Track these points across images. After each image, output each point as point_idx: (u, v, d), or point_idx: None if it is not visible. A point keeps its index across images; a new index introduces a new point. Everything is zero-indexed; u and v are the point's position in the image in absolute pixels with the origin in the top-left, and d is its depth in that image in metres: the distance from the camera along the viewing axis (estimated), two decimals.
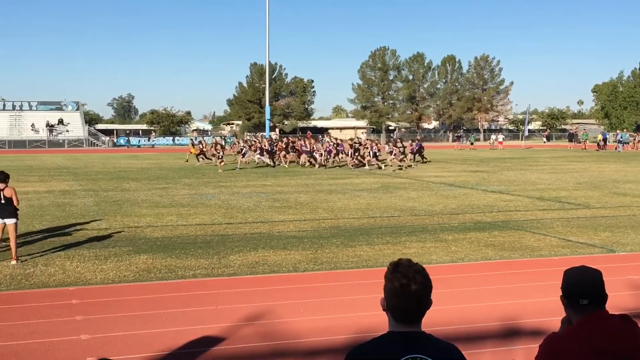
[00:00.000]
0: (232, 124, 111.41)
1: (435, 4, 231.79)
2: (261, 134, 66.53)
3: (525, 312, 9.05)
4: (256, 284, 10.92)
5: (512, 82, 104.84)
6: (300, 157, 41.46)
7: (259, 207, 20.50)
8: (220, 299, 9.88)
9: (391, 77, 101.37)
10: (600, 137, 68.73)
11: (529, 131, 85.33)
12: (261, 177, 32.42)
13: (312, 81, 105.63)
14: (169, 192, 25.13)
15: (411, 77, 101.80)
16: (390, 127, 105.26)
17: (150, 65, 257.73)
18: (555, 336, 3.23)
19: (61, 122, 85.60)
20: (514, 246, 14.01)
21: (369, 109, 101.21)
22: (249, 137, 61.76)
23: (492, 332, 8.30)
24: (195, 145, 44.85)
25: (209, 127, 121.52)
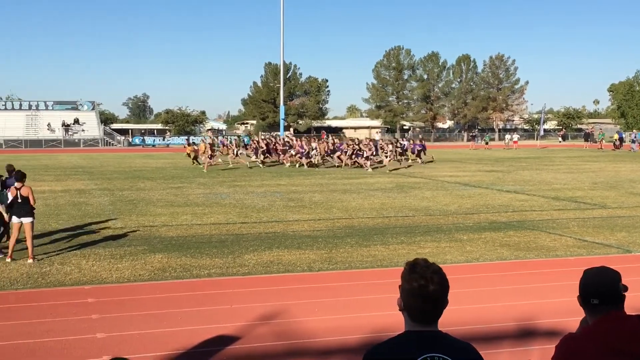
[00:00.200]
0: (247, 124, 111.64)
1: (450, 3, 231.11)
2: (276, 133, 66.56)
3: (541, 312, 9.01)
4: (271, 283, 10.93)
5: (527, 82, 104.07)
6: (295, 156, 40.64)
7: (274, 207, 20.52)
8: (234, 298, 9.90)
9: (406, 77, 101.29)
10: (616, 136, 68.26)
11: (545, 131, 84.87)
12: (275, 177, 32.46)
13: (327, 81, 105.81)
14: (183, 192, 25.21)
15: (426, 76, 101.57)
16: (404, 127, 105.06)
17: (165, 65, 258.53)
18: (571, 336, 3.21)
19: (77, 121, 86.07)
20: (530, 246, 13.94)
21: (384, 109, 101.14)
22: (236, 137, 61.47)
23: (508, 332, 8.26)
24: (190, 145, 43.94)
25: (224, 126, 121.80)
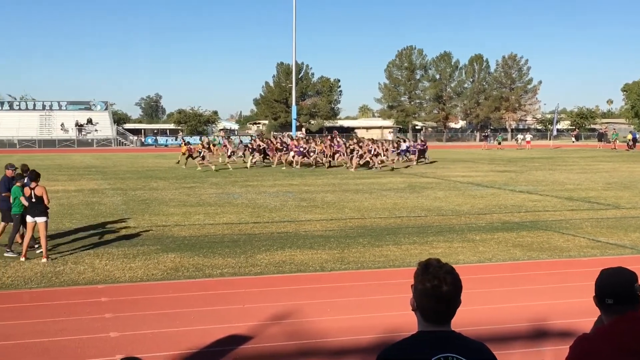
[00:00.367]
0: (259, 124, 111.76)
1: (462, 3, 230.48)
2: (288, 133, 66.58)
3: (554, 313, 8.97)
4: (283, 283, 10.95)
5: (540, 82, 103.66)
6: (292, 157, 40.20)
7: (286, 207, 20.54)
8: (247, 298, 9.92)
9: (418, 77, 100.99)
10: (629, 136, 67.77)
11: (558, 131, 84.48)
12: (288, 177, 32.48)
13: (339, 81, 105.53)
14: (196, 191, 25.28)
15: (438, 76, 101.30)
16: (416, 127, 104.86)
17: (177, 65, 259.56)
18: (586, 337, 3.20)
19: (90, 121, 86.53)
20: (543, 247, 13.88)
21: (396, 109, 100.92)
22: (232, 138, 61.31)
23: (521, 333, 8.23)
24: (186, 145, 43.58)
25: (236, 126, 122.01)
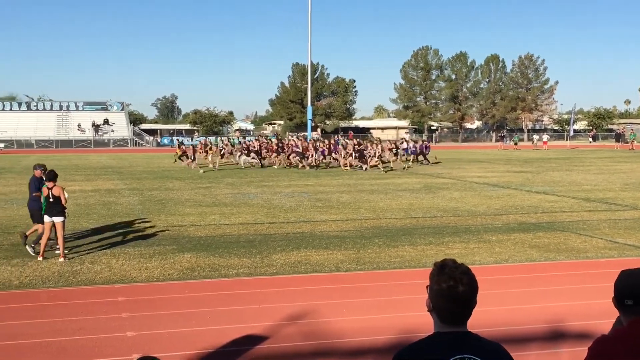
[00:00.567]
0: (274, 124, 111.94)
1: (478, 3, 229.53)
2: (303, 133, 66.65)
3: (571, 314, 8.92)
4: (298, 283, 10.95)
5: (557, 82, 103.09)
6: (289, 157, 40.34)
7: (301, 207, 20.56)
8: (262, 298, 9.93)
9: (433, 77, 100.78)
10: None
11: (575, 131, 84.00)
12: (303, 177, 32.50)
13: (354, 81, 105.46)
14: (212, 192, 25.36)
15: (454, 76, 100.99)
16: (432, 127, 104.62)
17: (193, 66, 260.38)
18: (604, 338, 3.18)
19: (106, 122, 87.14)
20: (559, 248, 13.80)
21: (411, 109, 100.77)
22: (228, 138, 61.25)
23: (538, 334, 8.18)
24: (180, 146, 43.57)
25: (251, 127, 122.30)
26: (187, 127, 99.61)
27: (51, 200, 12.53)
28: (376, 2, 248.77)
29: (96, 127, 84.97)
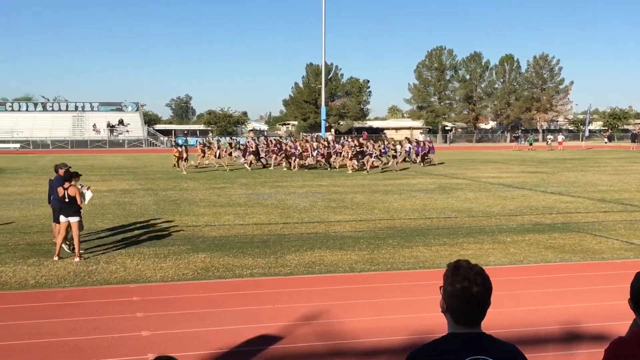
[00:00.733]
0: (288, 124, 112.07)
1: (493, 3, 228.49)
2: (318, 134, 66.66)
3: (587, 315, 8.86)
4: (313, 283, 10.96)
5: (572, 82, 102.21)
6: (289, 159, 39.95)
7: (315, 207, 20.57)
8: (277, 298, 9.95)
9: (448, 77, 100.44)
10: None
11: (590, 131, 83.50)
12: (317, 178, 32.52)
13: (368, 81, 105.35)
14: (226, 192, 25.43)
15: (468, 76, 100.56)
16: (446, 128, 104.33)
17: (207, 66, 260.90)
18: (620, 340, 3.16)
19: (121, 122, 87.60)
20: (575, 249, 13.72)
21: (425, 109, 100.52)
22: (232, 138, 61.05)
23: (553, 336, 8.14)
24: (176, 147, 43.28)
25: (265, 127, 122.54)
26: (202, 127, 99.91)
27: (67, 200, 12.62)
28: (390, 2, 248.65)
29: (111, 127, 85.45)
